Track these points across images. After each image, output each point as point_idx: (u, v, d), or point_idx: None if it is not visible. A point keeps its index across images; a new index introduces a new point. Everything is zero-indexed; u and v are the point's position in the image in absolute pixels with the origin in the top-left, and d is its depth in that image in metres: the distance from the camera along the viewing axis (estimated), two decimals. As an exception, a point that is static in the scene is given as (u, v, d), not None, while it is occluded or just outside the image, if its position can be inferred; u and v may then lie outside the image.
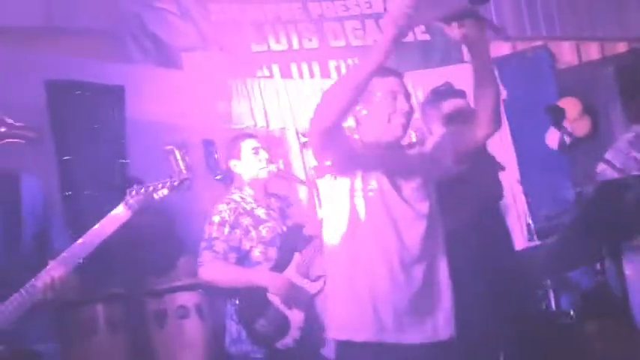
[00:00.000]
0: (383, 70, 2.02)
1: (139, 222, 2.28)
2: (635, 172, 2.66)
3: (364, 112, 2.06)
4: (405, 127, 2.06)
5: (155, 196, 2.25)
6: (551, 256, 2.69)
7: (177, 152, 4.27)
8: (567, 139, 2.98)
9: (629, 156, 2.92)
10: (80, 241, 2.08)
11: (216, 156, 4.44)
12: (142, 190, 2.22)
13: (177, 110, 4.32)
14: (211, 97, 4.47)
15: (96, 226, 2.13)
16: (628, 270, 2.72)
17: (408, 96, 2.09)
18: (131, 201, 2.21)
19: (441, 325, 1.97)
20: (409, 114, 2.06)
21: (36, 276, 1.96)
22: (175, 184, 2.32)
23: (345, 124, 2.07)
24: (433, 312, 1.96)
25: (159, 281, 3.34)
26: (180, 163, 4.26)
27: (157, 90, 4.26)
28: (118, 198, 3.35)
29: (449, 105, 2.62)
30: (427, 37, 5.13)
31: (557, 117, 2.79)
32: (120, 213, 2.18)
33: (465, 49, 4.90)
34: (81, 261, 2.05)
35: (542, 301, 3.60)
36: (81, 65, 4.12)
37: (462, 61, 5.17)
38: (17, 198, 2.01)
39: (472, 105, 2.51)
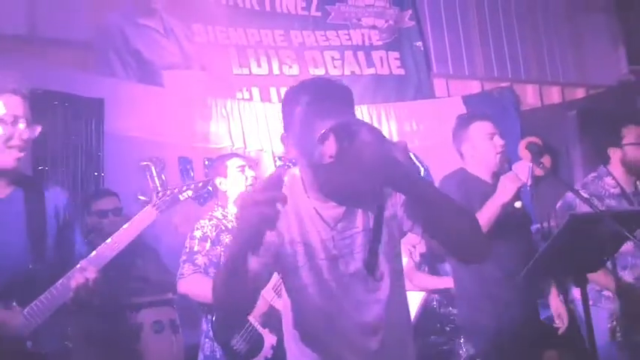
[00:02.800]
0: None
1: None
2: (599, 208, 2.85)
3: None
4: None
5: (180, 197, 2.32)
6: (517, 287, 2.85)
7: (153, 168, 4.34)
8: (540, 172, 3.15)
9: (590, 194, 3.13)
10: (109, 241, 2.08)
11: (192, 174, 4.47)
12: (168, 191, 2.28)
13: (156, 127, 4.35)
14: (190, 115, 4.51)
15: (125, 226, 2.14)
16: (576, 293, 2.91)
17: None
18: (158, 202, 2.24)
19: None
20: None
21: (65, 276, 1.94)
22: (200, 185, 2.41)
23: None
24: None
25: (134, 295, 3.32)
26: (156, 179, 4.32)
27: (137, 105, 4.29)
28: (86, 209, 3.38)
29: (477, 126, 2.77)
30: (402, 71, 5.35)
31: (536, 152, 2.98)
32: (148, 213, 2.21)
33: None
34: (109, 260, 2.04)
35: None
36: (61, 76, 4.11)
37: (433, 96, 5.43)
38: (42, 207, 2.00)
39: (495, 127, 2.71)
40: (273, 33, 4.97)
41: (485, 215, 2.46)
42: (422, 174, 4.92)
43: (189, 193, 2.35)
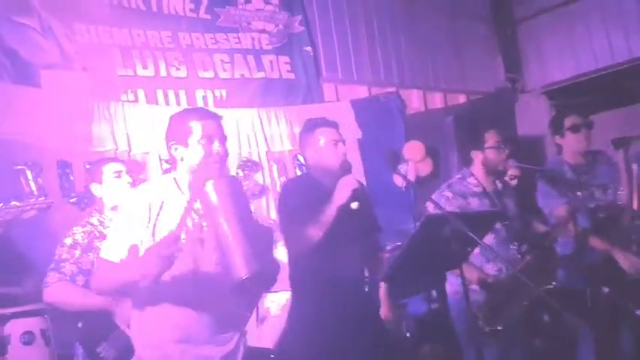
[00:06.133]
0: (202, 113, 2.24)
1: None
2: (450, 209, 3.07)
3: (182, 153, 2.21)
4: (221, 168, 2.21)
5: (25, 215, 2.25)
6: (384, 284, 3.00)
7: (28, 172, 4.17)
8: (403, 180, 3.34)
9: (442, 194, 3.36)
10: None
11: (71, 178, 4.33)
12: (11, 208, 2.16)
13: (33, 129, 4.16)
14: (70, 117, 4.35)
15: None
16: (449, 288, 3.12)
17: (223, 139, 2.22)
18: None
19: None
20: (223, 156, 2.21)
21: None
22: (44, 206, 2.32)
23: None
24: None
25: (3, 305, 3.18)
26: (32, 183, 4.15)
27: (12, 107, 4.09)
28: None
29: (321, 132, 2.84)
30: (292, 75, 5.44)
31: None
32: None
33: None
34: None
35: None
36: None
37: (322, 100, 5.56)
38: None
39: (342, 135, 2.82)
40: (159, 34, 4.89)
41: (324, 217, 2.57)
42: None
43: (32, 212, 2.28)
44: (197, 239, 2.17)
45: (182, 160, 2.21)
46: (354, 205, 2.60)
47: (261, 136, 5.10)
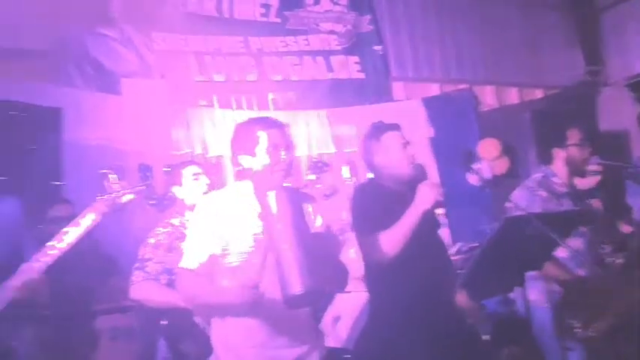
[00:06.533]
0: (268, 122, 2.23)
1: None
2: (537, 210, 2.95)
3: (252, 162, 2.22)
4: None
5: (123, 199, 2.34)
6: (462, 287, 2.92)
7: (112, 176, 4.37)
8: (479, 179, 3.24)
9: (535, 194, 3.22)
10: (50, 244, 2.14)
11: (151, 181, 4.51)
12: (106, 195, 2.30)
13: (115, 135, 4.37)
14: (150, 123, 4.54)
15: (64, 229, 2.18)
16: (532, 295, 3.00)
17: (290, 147, 2.22)
18: (97, 205, 2.26)
19: None
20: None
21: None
22: (141, 188, 2.45)
23: None
24: None
25: (91, 303, 3.35)
26: (115, 186, 4.35)
27: (96, 114, 4.31)
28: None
29: (388, 137, 2.71)
30: (361, 75, 5.43)
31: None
32: (87, 217, 2.24)
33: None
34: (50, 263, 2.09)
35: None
36: (20, 87, 4.12)
37: (391, 99, 5.52)
38: None
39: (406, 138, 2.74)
40: (232, 39, 5.01)
41: (406, 223, 2.51)
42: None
43: (130, 196, 2.37)
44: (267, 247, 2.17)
45: (249, 169, 2.23)
46: (440, 210, 2.54)
47: (331, 137, 5.12)
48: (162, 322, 2.95)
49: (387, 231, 2.49)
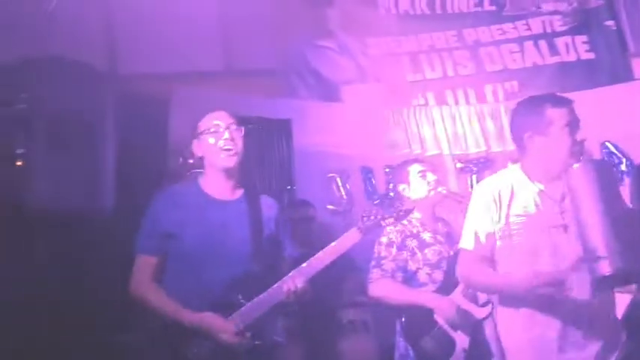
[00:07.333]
0: (557, 100, 2.17)
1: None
2: None
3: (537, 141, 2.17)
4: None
5: (383, 223, 2.42)
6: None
7: (338, 179, 4.62)
8: None
9: None
10: (318, 255, 2.31)
11: (373, 182, 4.66)
12: (372, 217, 2.39)
13: (338, 140, 4.61)
14: (369, 126, 4.69)
15: (332, 244, 2.33)
16: None
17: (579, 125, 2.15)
18: (362, 226, 2.37)
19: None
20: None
21: (280, 280, 2.24)
22: (401, 214, 2.49)
23: None
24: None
25: (333, 296, 3.55)
26: (341, 189, 4.59)
27: (320, 122, 4.59)
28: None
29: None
30: (592, 55, 4.91)
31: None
32: (352, 235, 2.35)
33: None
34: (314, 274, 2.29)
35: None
36: (253, 103, 4.56)
37: (632, 78, 4.88)
38: (259, 212, 2.31)
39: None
40: (445, 35, 4.94)
41: None
42: (623, 167, 4.46)
43: (391, 220, 2.43)
44: (560, 226, 2.12)
45: (536, 150, 2.19)
46: None
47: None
48: (400, 319, 3.02)
49: None
